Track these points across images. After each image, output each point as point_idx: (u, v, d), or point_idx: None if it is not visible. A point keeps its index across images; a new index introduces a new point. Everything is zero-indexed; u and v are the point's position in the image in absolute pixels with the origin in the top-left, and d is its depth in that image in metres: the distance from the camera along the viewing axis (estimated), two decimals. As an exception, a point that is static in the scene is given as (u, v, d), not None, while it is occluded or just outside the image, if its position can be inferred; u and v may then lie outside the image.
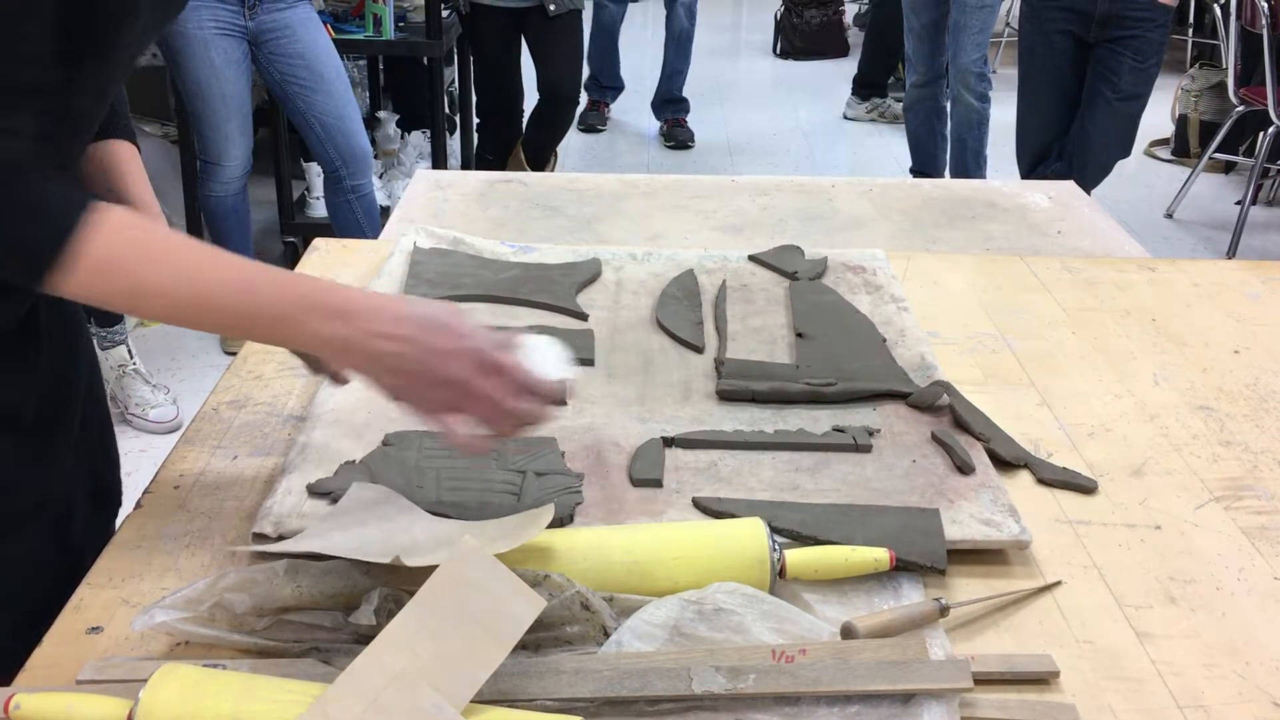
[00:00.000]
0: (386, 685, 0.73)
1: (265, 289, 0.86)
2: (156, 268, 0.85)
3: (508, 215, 1.85)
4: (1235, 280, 1.62)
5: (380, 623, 0.81)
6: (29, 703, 0.76)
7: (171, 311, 0.87)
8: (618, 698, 0.80)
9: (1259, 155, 4.26)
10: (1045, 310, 1.51)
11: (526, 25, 3.92)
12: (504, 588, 0.79)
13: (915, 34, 4.20)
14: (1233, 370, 1.37)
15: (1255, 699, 0.87)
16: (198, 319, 0.88)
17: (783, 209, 1.91)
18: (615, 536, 0.93)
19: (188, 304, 0.86)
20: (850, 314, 1.41)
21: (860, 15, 7.29)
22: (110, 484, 1.17)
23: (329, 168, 3.23)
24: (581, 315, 1.41)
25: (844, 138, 5.58)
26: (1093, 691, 0.87)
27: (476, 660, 0.76)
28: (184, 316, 0.88)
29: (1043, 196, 2.01)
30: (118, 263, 0.84)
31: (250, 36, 3.02)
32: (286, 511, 1.00)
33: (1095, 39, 3.40)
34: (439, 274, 1.46)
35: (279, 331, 0.89)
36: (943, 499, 1.06)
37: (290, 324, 0.87)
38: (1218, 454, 1.19)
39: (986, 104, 4.05)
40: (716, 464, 1.11)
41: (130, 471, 1.24)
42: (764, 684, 0.80)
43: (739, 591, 0.88)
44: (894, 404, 1.22)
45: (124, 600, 0.93)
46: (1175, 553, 1.04)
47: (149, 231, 0.87)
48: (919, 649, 0.84)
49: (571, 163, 4.91)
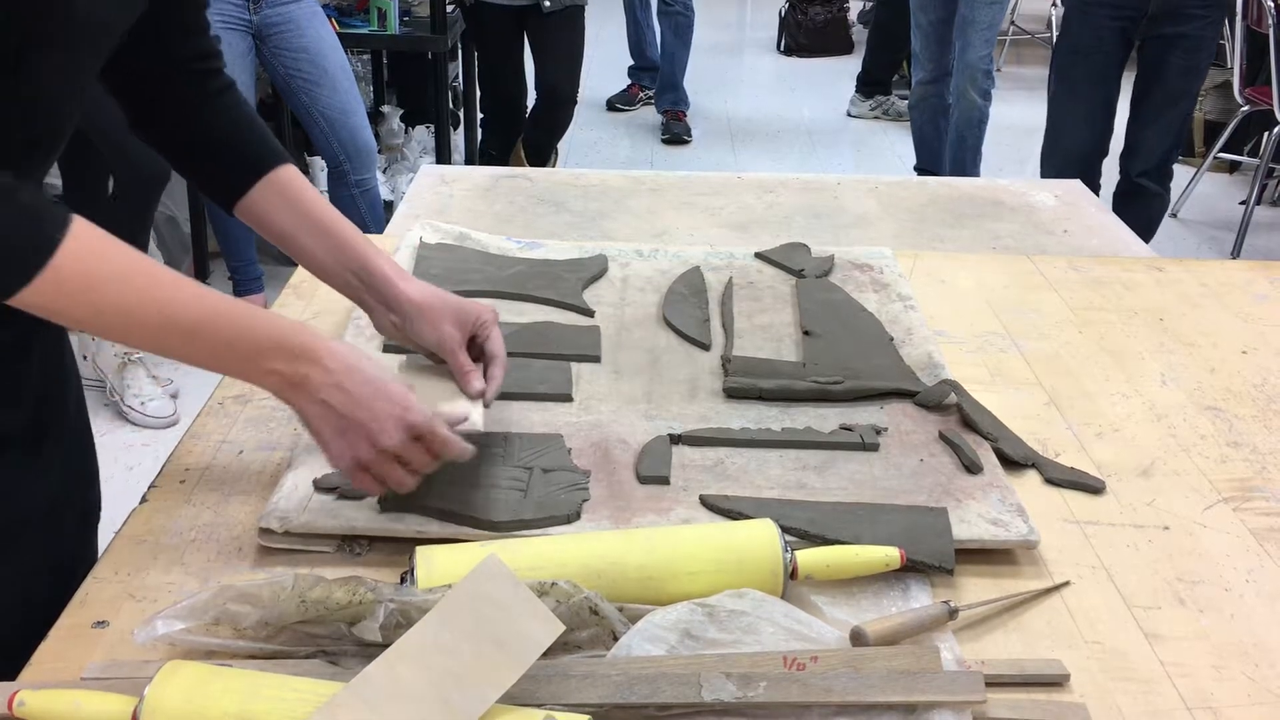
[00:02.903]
0: (397, 696, 0.73)
1: (229, 317, 0.90)
2: (123, 286, 0.86)
3: (513, 211, 1.84)
4: (1242, 280, 1.61)
5: (386, 638, 0.80)
6: (33, 699, 0.76)
7: (129, 330, 0.88)
8: (627, 704, 0.79)
9: (1264, 155, 4.25)
10: (1052, 310, 1.50)
11: (527, 22, 3.91)
12: (523, 608, 0.79)
13: (923, 31, 4.18)
14: (1240, 371, 1.36)
15: (1265, 700, 0.87)
16: (156, 340, 0.89)
17: (788, 206, 1.91)
18: (629, 552, 0.92)
19: (149, 324, 0.87)
20: (857, 312, 1.41)
21: (865, 12, 7.27)
22: (93, 498, 1.17)
23: (333, 162, 3.23)
24: (588, 312, 1.41)
25: (848, 135, 5.57)
26: (1102, 692, 0.87)
27: (489, 679, 0.75)
28: (142, 336, 0.89)
29: (1049, 196, 2.01)
30: (89, 281, 0.85)
31: (255, 31, 3.02)
32: (293, 507, 0.99)
33: (1144, 35, 3.23)
34: (445, 269, 1.46)
35: (234, 360, 0.91)
36: (950, 498, 1.05)
37: (250, 355, 0.91)
38: (1226, 455, 1.19)
39: (989, 102, 4.04)
40: (724, 462, 1.11)
41: (132, 465, 1.24)
42: (774, 693, 0.80)
43: (749, 595, 0.87)
44: (901, 403, 1.22)
45: (130, 594, 0.93)
46: (1184, 554, 1.03)
47: (119, 250, 0.87)
48: (932, 659, 0.83)
49: (575, 159, 4.90)
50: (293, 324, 0.93)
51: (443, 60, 3.67)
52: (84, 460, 1.16)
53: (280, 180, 1.09)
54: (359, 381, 0.92)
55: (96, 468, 1.19)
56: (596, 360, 1.30)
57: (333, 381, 0.92)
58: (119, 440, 2.71)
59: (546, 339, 1.31)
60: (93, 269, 0.85)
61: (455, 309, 1.08)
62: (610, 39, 5.78)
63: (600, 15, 4.78)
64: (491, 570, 0.80)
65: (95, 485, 1.18)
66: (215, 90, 1.10)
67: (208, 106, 1.09)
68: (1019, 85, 3.70)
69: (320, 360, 0.92)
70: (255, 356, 0.91)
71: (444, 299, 1.09)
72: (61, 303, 0.85)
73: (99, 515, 1.18)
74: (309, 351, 0.92)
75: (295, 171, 1.11)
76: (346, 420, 0.92)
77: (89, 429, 1.18)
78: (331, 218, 1.10)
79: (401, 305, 1.07)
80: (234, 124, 1.10)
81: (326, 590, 0.83)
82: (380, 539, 0.99)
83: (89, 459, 1.17)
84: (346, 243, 1.09)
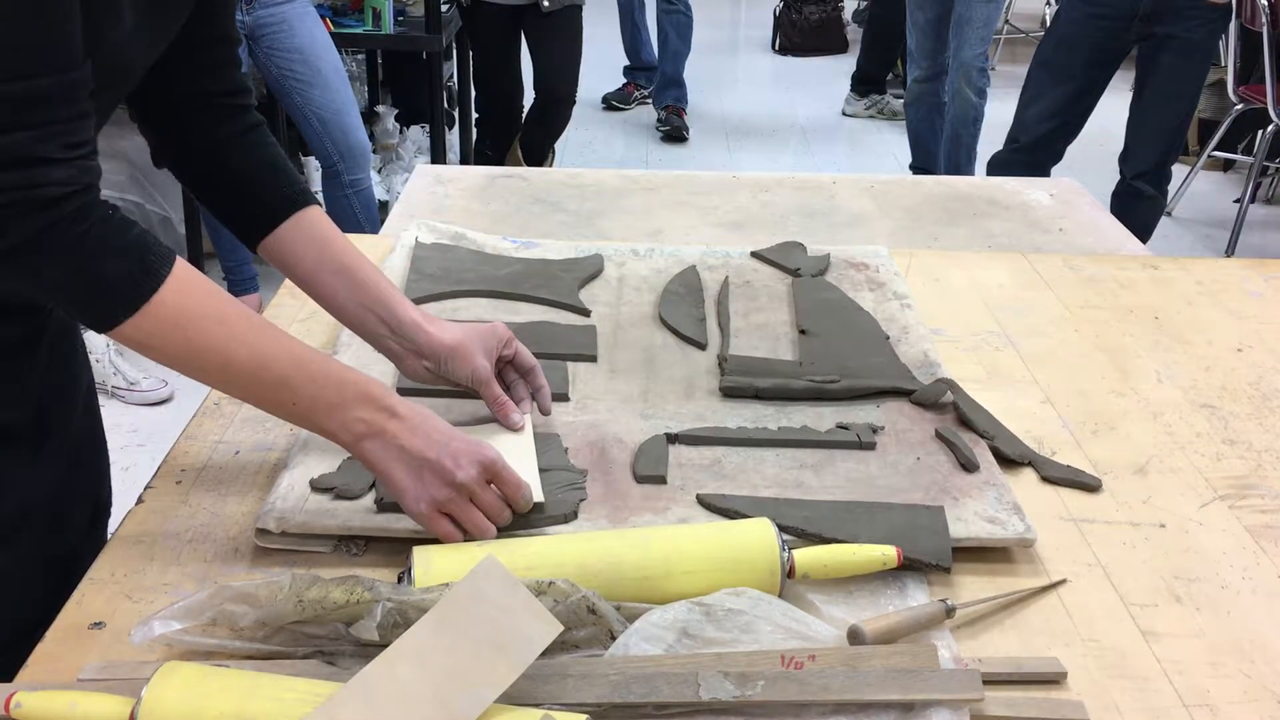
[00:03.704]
0: (395, 696, 0.73)
1: (320, 366, 0.93)
2: (220, 327, 0.89)
3: (509, 210, 1.84)
4: (1237, 278, 1.61)
5: (384, 637, 0.80)
6: (30, 701, 0.76)
7: (224, 372, 0.91)
8: (625, 703, 0.79)
9: (1258, 153, 4.26)
10: (1048, 308, 1.50)
11: (525, 22, 3.90)
12: (522, 609, 0.79)
13: (919, 28, 4.18)
14: (1235, 368, 1.36)
15: (1261, 698, 0.87)
16: (247, 383, 0.92)
17: (784, 205, 1.91)
18: (626, 551, 0.92)
19: (242, 366, 0.90)
20: (853, 311, 1.41)
21: (859, 11, 7.28)
22: (103, 495, 1.18)
23: (327, 162, 3.22)
24: (584, 311, 1.41)
25: (843, 134, 5.57)
26: (1099, 690, 0.87)
27: (487, 680, 0.75)
28: (233, 379, 0.92)
29: (1044, 194, 2.01)
30: (188, 318, 0.87)
31: (247, 31, 3.01)
32: (290, 508, 0.99)
33: (1138, 36, 3.20)
34: (441, 269, 1.46)
35: (320, 409, 0.94)
36: (947, 497, 1.05)
37: (337, 405, 0.93)
38: (1221, 452, 1.19)
39: (984, 100, 4.04)
40: (720, 460, 1.11)
41: (128, 466, 1.24)
42: (772, 691, 0.80)
43: (746, 593, 0.87)
44: (898, 401, 1.22)
45: (126, 596, 0.92)
46: (1180, 551, 1.04)
47: (216, 292, 0.91)
48: (930, 656, 0.83)
49: (570, 158, 4.90)
50: (370, 378, 0.96)
51: (438, 60, 3.66)
52: (93, 458, 1.16)
53: (304, 223, 1.09)
54: (433, 427, 0.96)
55: (107, 466, 1.19)
56: (593, 360, 1.30)
57: (409, 427, 0.95)
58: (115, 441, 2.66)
59: (542, 338, 1.31)
60: (191, 308, 0.88)
61: (481, 340, 1.10)
62: (606, 39, 5.79)
63: (596, 16, 4.78)
64: (489, 571, 0.80)
65: (105, 483, 1.19)
66: (243, 128, 1.09)
67: (234, 144, 1.09)
68: (1014, 84, 3.69)
69: (397, 411, 0.95)
70: (342, 406, 0.93)
71: (470, 334, 1.10)
72: (158, 339, 0.87)
73: (109, 513, 1.18)
74: (389, 404, 0.95)
75: (320, 213, 1.11)
76: (423, 461, 0.94)
77: (100, 428, 1.18)
78: (356, 262, 1.10)
79: (436, 351, 1.08)
80: (259, 163, 1.10)
81: (324, 590, 0.83)
82: (377, 539, 0.99)
83: (99, 457, 1.18)
84: (371, 287, 1.09)
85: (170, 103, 1.06)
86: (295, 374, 0.92)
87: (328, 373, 0.94)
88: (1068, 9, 3.31)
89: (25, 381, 1.02)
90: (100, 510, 1.17)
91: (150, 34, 0.95)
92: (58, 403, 1.07)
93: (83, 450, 1.13)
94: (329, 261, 1.09)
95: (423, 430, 0.95)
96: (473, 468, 0.95)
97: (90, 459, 1.16)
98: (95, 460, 1.17)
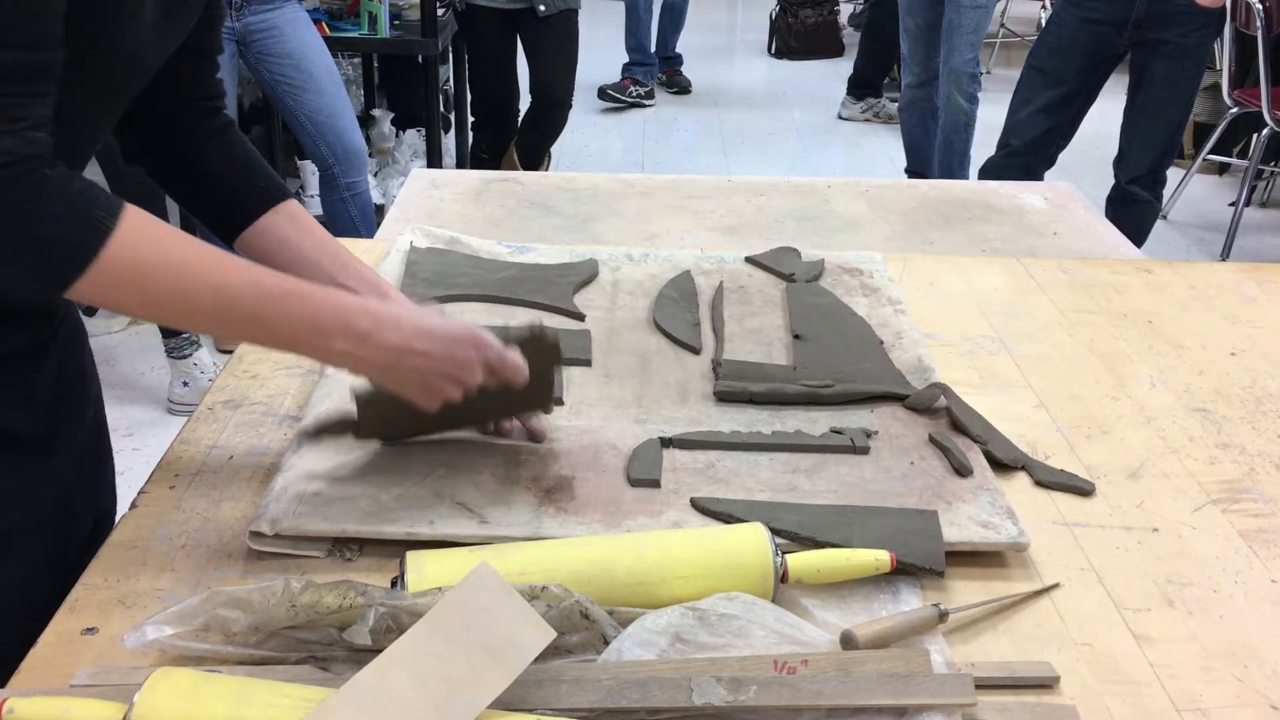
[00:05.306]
0: (388, 702, 0.73)
1: (292, 299, 0.90)
2: (180, 273, 0.85)
3: (503, 214, 1.84)
4: (1231, 282, 1.62)
5: (377, 642, 0.80)
6: (22, 706, 0.76)
7: (191, 319, 0.89)
8: (618, 708, 0.79)
9: (1253, 157, 4.26)
10: (1042, 312, 1.51)
11: (521, 26, 3.91)
12: (515, 614, 0.79)
13: (911, 34, 4.19)
14: (1229, 373, 1.37)
15: (1253, 702, 0.87)
16: (218, 325, 0.90)
17: (779, 209, 1.91)
18: (619, 556, 0.92)
19: (206, 310, 0.87)
20: (847, 316, 1.41)
21: (855, 15, 7.29)
22: (108, 507, 1.18)
23: (323, 166, 3.22)
24: (578, 316, 1.41)
25: (839, 138, 5.58)
26: (1091, 694, 0.87)
27: (480, 685, 0.75)
28: (202, 322, 0.90)
29: (1039, 198, 2.02)
30: (144, 268, 0.84)
31: (237, 37, 3.02)
32: (283, 511, 0.99)
33: (1131, 41, 3.21)
34: (435, 274, 1.46)
35: (301, 343, 0.92)
36: (940, 501, 1.05)
37: (316, 337, 0.91)
38: (1215, 456, 1.19)
39: (975, 105, 4.04)
40: (714, 465, 1.11)
41: (123, 471, 1.23)
42: (765, 697, 0.80)
43: (739, 598, 0.87)
44: (891, 406, 1.22)
45: (119, 601, 0.92)
46: (1173, 555, 1.04)
47: (171, 236, 0.87)
48: (922, 661, 0.83)
49: (565, 162, 4.90)
50: (356, 301, 0.94)
51: (434, 63, 3.66)
52: (99, 468, 1.16)
53: (281, 216, 1.10)
54: (432, 341, 0.94)
55: (113, 477, 1.19)
56: (587, 364, 1.30)
57: (394, 351, 0.93)
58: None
59: (537, 343, 1.31)
60: (145, 257, 0.84)
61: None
62: (603, 38, 5.80)
63: (592, 17, 4.78)
64: (482, 576, 0.80)
65: (111, 493, 1.19)
66: (216, 128, 1.11)
67: (207, 145, 1.10)
68: (1008, 88, 3.70)
69: (385, 337, 0.92)
70: (321, 335, 0.91)
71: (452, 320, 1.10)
72: (115, 293, 0.84)
73: (112, 524, 1.18)
74: (363, 330, 0.92)
75: (296, 206, 1.12)
76: (430, 377, 0.94)
77: (107, 437, 1.18)
78: (334, 250, 1.11)
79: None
80: (234, 160, 1.11)
81: (317, 594, 0.83)
82: (371, 542, 0.99)
83: (105, 467, 1.18)
84: (353, 273, 1.09)
85: (148, 103, 1.05)
86: (265, 309, 0.89)
87: (302, 306, 0.90)
88: (1061, 13, 3.31)
89: (35, 391, 1.02)
90: (102, 520, 1.17)
91: (168, 33, 0.97)
92: (67, 413, 1.07)
93: (89, 460, 1.13)
94: (308, 251, 1.09)
95: (420, 347, 0.93)
96: (476, 366, 0.96)
97: (96, 470, 1.16)
98: (100, 471, 1.17)
